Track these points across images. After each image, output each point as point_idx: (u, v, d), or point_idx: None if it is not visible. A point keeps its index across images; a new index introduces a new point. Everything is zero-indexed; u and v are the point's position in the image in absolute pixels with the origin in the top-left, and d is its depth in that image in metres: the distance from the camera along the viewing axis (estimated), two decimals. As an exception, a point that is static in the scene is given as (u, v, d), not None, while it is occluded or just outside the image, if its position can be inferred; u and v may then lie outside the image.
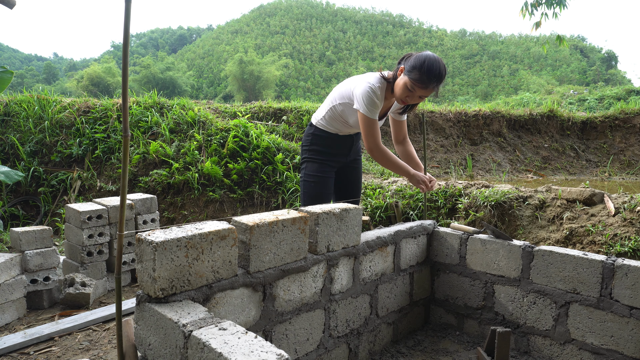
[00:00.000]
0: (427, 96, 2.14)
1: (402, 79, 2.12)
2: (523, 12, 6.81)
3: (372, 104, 2.17)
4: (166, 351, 1.17)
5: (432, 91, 2.11)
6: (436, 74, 2.05)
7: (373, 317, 2.07)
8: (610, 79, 41.12)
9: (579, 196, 3.38)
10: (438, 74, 2.06)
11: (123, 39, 1.10)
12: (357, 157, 2.65)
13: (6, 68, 2.86)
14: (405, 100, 2.15)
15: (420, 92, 2.09)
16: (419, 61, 2.06)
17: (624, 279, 1.80)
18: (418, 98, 2.13)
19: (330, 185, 2.50)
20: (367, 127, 2.21)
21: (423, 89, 2.08)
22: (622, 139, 8.10)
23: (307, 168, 2.49)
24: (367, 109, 2.17)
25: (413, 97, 2.12)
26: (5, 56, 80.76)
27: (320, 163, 2.47)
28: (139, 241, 1.25)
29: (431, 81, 2.05)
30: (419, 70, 2.04)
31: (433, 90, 2.10)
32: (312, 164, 2.47)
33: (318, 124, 2.48)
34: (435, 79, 2.05)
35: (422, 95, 2.11)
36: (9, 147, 5.67)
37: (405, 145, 2.60)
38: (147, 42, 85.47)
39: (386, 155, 2.27)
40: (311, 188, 2.46)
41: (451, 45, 62.09)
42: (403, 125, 2.56)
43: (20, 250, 2.67)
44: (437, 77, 2.06)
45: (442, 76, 2.08)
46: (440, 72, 2.06)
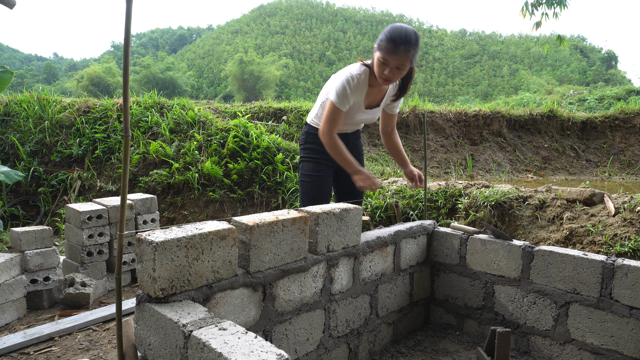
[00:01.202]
0: (404, 64, 2.05)
1: (375, 57, 2.11)
2: (523, 12, 6.81)
3: (343, 94, 2.18)
4: (166, 351, 1.17)
5: (405, 57, 2.03)
6: (402, 37, 2.00)
7: (373, 317, 2.07)
8: (610, 79, 41.12)
9: (579, 196, 3.38)
10: (404, 36, 2.00)
11: (124, 39, 1.10)
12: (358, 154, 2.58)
13: (6, 68, 2.86)
14: (384, 76, 2.08)
15: (393, 61, 2.03)
16: (384, 32, 2.06)
17: (624, 279, 1.80)
18: (396, 70, 2.06)
19: (327, 184, 2.47)
20: (329, 113, 2.22)
21: (393, 55, 2.01)
22: (622, 139, 8.11)
23: (303, 168, 2.48)
24: (337, 98, 2.19)
25: (389, 70, 2.06)
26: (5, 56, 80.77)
27: (315, 162, 2.44)
28: (139, 241, 1.25)
29: (398, 45, 2.00)
30: (385, 40, 2.02)
31: (406, 56, 2.02)
32: (308, 164, 2.46)
33: (312, 122, 2.47)
34: (402, 42, 2.00)
35: (399, 66, 2.04)
36: (9, 147, 5.67)
37: (391, 137, 2.58)
38: (147, 42, 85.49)
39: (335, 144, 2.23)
40: (308, 188, 2.44)
41: (451, 45, 62.08)
42: (392, 118, 2.53)
43: (20, 250, 2.67)
44: (404, 40, 2.00)
45: (409, 38, 2.01)
46: (406, 35, 2.01)
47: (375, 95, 2.32)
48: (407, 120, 7.21)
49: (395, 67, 2.05)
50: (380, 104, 2.38)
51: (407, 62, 2.06)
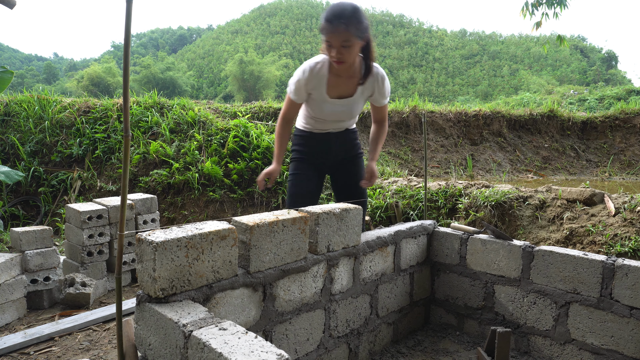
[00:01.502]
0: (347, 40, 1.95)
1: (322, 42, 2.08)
2: (524, 12, 6.82)
3: (296, 84, 2.18)
4: (166, 351, 1.17)
5: (344, 33, 1.93)
6: (337, 13, 1.92)
7: (373, 317, 2.07)
8: (611, 79, 41.11)
9: (579, 196, 3.38)
10: (339, 11, 1.92)
11: (124, 39, 1.10)
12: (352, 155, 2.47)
13: (6, 68, 2.86)
14: (334, 58, 2.01)
15: (335, 40, 1.95)
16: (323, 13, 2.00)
17: (624, 279, 1.80)
18: (342, 49, 1.97)
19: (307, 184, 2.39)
20: (284, 103, 2.29)
21: (333, 34, 1.94)
22: (623, 139, 8.10)
23: (290, 168, 2.46)
24: (290, 88, 2.21)
25: (336, 50, 1.98)
26: (5, 56, 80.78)
27: (297, 161, 2.42)
28: (139, 241, 1.25)
29: (334, 22, 1.92)
30: (322, 20, 1.98)
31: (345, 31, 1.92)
32: (292, 163, 2.44)
33: (297, 123, 2.47)
34: (336, 17, 1.91)
35: (343, 43, 1.95)
36: (9, 147, 5.67)
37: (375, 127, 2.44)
38: (148, 42, 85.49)
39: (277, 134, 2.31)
40: (289, 187, 2.41)
41: (451, 45, 62.07)
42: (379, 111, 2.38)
43: (21, 250, 2.67)
44: (339, 15, 1.91)
45: (343, 12, 1.92)
46: (341, 10, 1.92)
47: (344, 84, 2.21)
48: (407, 120, 7.21)
49: (340, 46, 1.97)
50: (355, 94, 2.24)
51: (349, 37, 1.95)
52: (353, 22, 1.94)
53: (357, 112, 2.34)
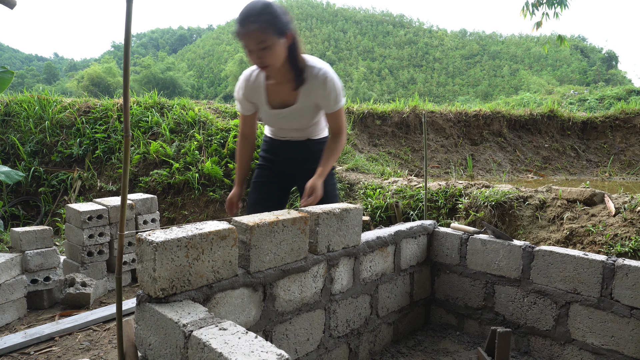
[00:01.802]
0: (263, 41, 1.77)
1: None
2: (524, 11, 6.82)
3: (236, 96, 2.08)
4: (166, 351, 1.17)
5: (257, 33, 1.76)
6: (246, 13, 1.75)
7: (373, 317, 2.07)
8: (611, 79, 41.12)
9: (580, 196, 3.38)
10: (248, 11, 1.75)
11: (124, 39, 1.10)
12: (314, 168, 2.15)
13: (7, 68, 2.86)
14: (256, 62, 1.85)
15: (250, 43, 1.78)
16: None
17: (625, 279, 1.80)
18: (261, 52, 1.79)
19: (265, 192, 2.26)
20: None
21: (246, 36, 1.78)
22: (623, 139, 8.10)
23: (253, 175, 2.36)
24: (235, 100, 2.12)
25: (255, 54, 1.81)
26: (5, 56, 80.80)
27: (259, 168, 2.32)
28: (140, 241, 1.25)
29: (244, 24, 1.76)
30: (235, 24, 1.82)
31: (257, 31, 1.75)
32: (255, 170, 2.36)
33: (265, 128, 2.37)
34: (246, 18, 1.75)
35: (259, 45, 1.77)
36: (10, 147, 5.67)
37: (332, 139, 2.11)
38: (148, 42, 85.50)
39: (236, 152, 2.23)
40: (248, 195, 2.32)
41: (451, 45, 62.08)
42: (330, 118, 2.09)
43: (21, 250, 2.67)
44: (248, 15, 1.75)
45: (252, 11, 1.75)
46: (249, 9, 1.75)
47: (284, 92, 2.01)
48: (407, 120, 7.21)
49: (259, 49, 1.79)
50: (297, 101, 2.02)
51: (264, 37, 1.77)
52: (266, 19, 1.76)
53: (311, 120, 2.10)
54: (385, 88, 50.03)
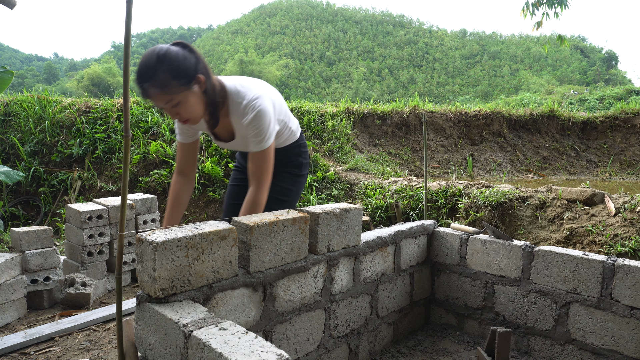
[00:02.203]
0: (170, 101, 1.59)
1: None
2: (524, 11, 6.82)
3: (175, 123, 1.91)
4: (166, 351, 1.17)
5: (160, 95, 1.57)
6: (141, 73, 1.55)
7: (373, 317, 2.07)
8: (611, 79, 41.12)
9: (580, 196, 3.38)
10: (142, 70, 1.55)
11: (124, 39, 1.10)
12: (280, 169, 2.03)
13: (7, 68, 2.86)
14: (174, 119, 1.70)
15: (158, 104, 1.61)
16: None
17: (625, 279, 1.80)
18: (173, 109, 1.62)
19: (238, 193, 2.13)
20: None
21: (148, 98, 1.59)
22: (623, 139, 8.10)
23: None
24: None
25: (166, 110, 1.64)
26: (5, 56, 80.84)
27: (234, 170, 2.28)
28: (140, 241, 1.25)
29: (140, 85, 1.56)
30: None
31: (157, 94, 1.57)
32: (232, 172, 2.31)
33: None
34: (141, 79, 1.55)
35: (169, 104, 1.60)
36: (10, 147, 5.67)
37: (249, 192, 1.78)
38: (148, 42, 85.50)
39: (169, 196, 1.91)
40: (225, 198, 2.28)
41: (451, 45, 62.08)
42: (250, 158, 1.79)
43: (21, 250, 2.67)
44: (143, 75, 1.54)
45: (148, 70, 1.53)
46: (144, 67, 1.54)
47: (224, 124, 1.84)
48: (407, 120, 7.21)
49: (169, 107, 1.61)
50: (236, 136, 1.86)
51: (169, 96, 1.57)
52: (165, 77, 1.53)
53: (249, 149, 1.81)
54: (385, 88, 50.05)
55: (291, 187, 2.09)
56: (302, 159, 2.12)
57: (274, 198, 1.94)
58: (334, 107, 6.88)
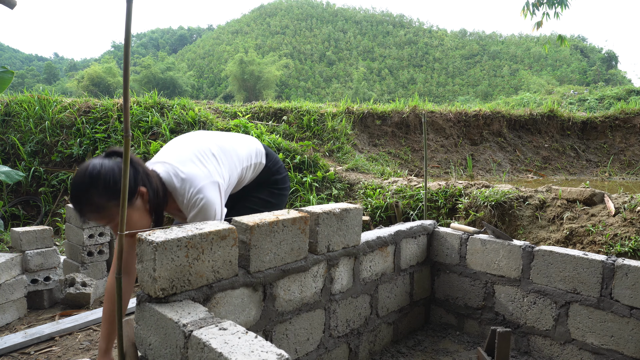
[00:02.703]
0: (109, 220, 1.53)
1: None
2: (525, 11, 6.82)
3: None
4: (166, 351, 1.18)
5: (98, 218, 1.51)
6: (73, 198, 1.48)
7: (373, 317, 2.07)
8: (611, 79, 41.12)
9: (579, 196, 3.38)
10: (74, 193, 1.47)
11: (124, 39, 1.10)
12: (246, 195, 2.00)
13: (7, 68, 2.86)
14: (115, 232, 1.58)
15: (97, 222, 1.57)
16: None
17: (624, 279, 1.80)
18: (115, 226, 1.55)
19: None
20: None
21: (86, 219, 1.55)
22: (623, 139, 8.11)
23: None
24: None
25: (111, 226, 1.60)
26: (5, 56, 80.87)
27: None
28: (139, 241, 1.25)
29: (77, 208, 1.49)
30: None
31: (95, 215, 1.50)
32: None
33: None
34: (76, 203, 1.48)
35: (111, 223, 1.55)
36: (10, 147, 5.67)
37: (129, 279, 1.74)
38: (148, 42, 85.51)
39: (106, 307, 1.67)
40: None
41: (451, 45, 62.07)
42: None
43: (21, 250, 2.67)
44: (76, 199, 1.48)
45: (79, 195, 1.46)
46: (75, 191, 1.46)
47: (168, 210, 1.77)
48: (407, 120, 7.21)
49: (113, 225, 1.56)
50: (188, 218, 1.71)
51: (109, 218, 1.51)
52: (99, 200, 1.45)
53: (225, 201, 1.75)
54: (385, 88, 50.04)
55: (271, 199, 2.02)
56: (277, 176, 2.05)
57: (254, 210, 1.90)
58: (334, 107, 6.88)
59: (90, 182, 1.44)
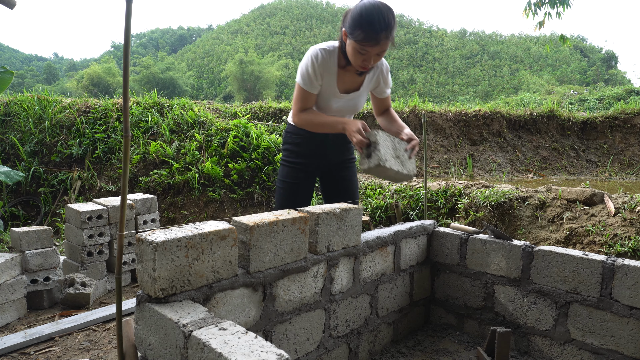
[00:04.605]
0: (384, 50, 1.84)
1: (349, 44, 1.85)
2: (526, 11, 6.82)
3: (307, 73, 1.95)
4: (166, 351, 1.17)
5: (386, 44, 1.81)
6: (382, 23, 1.76)
7: (373, 317, 2.07)
8: (610, 79, 41.14)
9: (579, 196, 3.38)
10: (384, 21, 1.76)
11: (124, 39, 1.10)
12: (346, 159, 2.30)
13: (6, 68, 2.86)
14: (365, 65, 1.87)
15: (374, 50, 1.81)
16: (356, 17, 1.79)
17: (624, 279, 1.80)
18: (376, 56, 1.84)
19: (302, 193, 2.21)
20: (296, 96, 2.01)
21: (375, 46, 1.80)
22: (622, 139, 8.11)
23: (279, 171, 2.25)
24: (302, 78, 1.97)
25: (369, 58, 1.84)
26: (5, 56, 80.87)
27: (290, 167, 2.20)
28: (139, 241, 1.25)
29: (379, 33, 1.76)
30: (360, 28, 1.77)
31: (387, 41, 1.80)
32: (284, 168, 2.22)
33: (290, 119, 2.19)
34: (382, 29, 1.76)
35: (379, 53, 1.84)
36: (10, 147, 5.67)
37: (385, 114, 2.25)
38: (148, 42, 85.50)
39: (308, 119, 1.98)
40: (280, 195, 2.22)
41: (451, 45, 62.09)
42: (384, 101, 2.24)
43: (21, 250, 2.67)
44: (384, 26, 1.76)
45: (388, 23, 1.77)
46: (384, 19, 1.76)
47: (350, 78, 2.05)
48: (407, 120, 7.21)
49: (376, 54, 1.84)
50: (361, 88, 2.10)
51: (387, 46, 1.84)
52: (394, 29, 1.82)
53: (360, 107, 2.20)
54: (385, 88, 49.97)
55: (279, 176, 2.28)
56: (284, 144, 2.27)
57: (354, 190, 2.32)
58: (334, 107, 6.87)
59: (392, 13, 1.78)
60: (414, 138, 2.04)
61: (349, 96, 2.09)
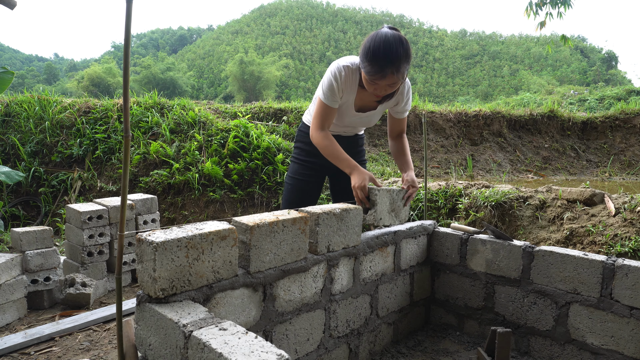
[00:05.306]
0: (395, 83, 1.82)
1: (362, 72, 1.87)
2: (528, 12, 6.82)
3: (330, 89, 1.95)
4: (166, 351, 1.17)
5: (393, 77, 1.78)
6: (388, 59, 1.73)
7: (373, 317, 2.07)
8: (611, 79, 41.13)
9: (580, 196, 3.38)
10: (390, 56, 1.73)
11: (124, 39, 1.10)
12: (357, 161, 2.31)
13: (7, 69, 2.86)
14: (377, 93, 1.89)
15: (383, 82, 1.80)
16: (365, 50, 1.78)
17: (624, 279, 1.80)
18: (387, 87, 1.84)
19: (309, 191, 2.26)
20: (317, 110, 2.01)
21: (382, 79, 1.78)
22: (623, 139, 8.10)
23: (289, 168, 2.31)
24: (324, 94, 1.98)
25: (380, 88, 1.85)
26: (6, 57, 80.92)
27: (300, 164, 2.25)
28: (140, 241, 1.25)
29: (384, 69, 1.74)
30: (367, 61, 1.77)
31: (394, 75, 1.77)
32: (294, 165, 2.27)
33: (305, 120, 2.27)
34: (388, 64, 1.73)
35: (390, 84, 1.82)
36: (10, 147, 5.67)
37: (398, 140, 2.26)
38: (148, 43, 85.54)
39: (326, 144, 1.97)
40: (288, 191, 2.26)
41: (451, 46, 62.10)
42: (399, 123, 2.24)
43: (21, 250, 2.67)
44: (391, 61, 1.73)
45: (396, 57, 1.73)
46: (392, 53, 1.72)
47: (369, 97, 2.05)
48: (407, 120, 7.21)
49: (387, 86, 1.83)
50: (378, 107, 2.13)
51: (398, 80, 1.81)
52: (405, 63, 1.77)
53: (374, 123, 2.23)
54: (385, 88, 49.98)
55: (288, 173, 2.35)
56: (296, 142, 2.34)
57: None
58: (334, 108, 6.86)
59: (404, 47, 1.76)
60: (414, 186, 2.11)
61: (363, 114, 2.13)
